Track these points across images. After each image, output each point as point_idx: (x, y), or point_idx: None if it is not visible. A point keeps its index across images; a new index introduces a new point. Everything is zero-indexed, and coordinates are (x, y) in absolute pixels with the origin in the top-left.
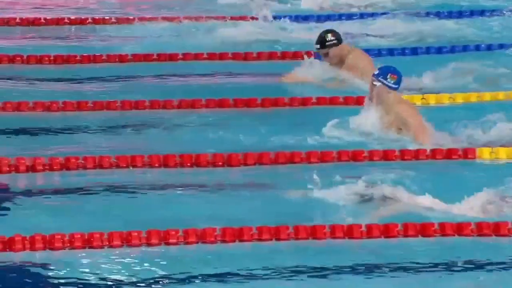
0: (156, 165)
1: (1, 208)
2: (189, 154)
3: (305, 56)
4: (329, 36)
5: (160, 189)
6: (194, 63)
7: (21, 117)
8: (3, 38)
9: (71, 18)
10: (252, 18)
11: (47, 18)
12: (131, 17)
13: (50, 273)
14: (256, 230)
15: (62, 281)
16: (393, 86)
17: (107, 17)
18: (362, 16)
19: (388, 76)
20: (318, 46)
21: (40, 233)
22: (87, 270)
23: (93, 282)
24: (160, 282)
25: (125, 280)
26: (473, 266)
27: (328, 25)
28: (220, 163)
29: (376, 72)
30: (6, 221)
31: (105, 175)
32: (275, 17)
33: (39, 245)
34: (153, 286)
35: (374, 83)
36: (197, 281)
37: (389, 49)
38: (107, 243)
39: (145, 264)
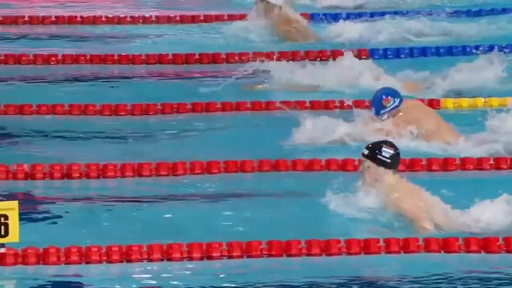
0: (198, 171)
1: (34, 217)
2: (234, 160)
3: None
4: None
5: (203, 198)
6: (238, 64)
7: (57, 120)
8: (37, 37)
9: (108, 16)
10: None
11: (83, 16)
12: (172, 15)
13: None
14: (305, 243)
15: None
16: (396, 105)
17: (147, 15)
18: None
19: (384, 104)
20: None
21: (76, 245)
22: (125, 285)
23: None
24: None
25: None
26: None
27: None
28: (267, 169)
29: (374, 112)
30: (40, 231)
31: (145, 184)
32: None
33: (75, 257)
34: None
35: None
36: None
37: (449, 47)
38: (146, 256)
39: (187, 280)
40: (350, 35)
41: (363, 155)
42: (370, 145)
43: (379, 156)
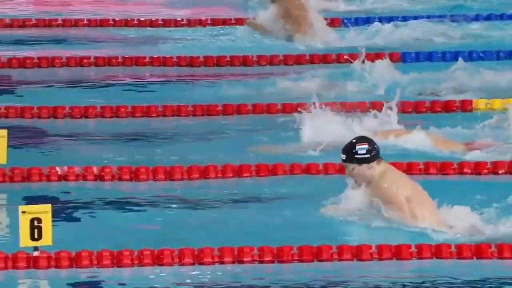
0: (229, 175)
1: (67, 220)
2: (266, 164)
3: None
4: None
5: (234, 202)
6: (269, 67)
7: (88, 123)
8: (70, 40)
9: (140, 19)
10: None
11: (116, 19)
12: (203, 19)
13: None
14: (336, 249)
15: None
16: None
17: (179, 19)
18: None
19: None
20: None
21: (108, 248)
22: None
23: None
24: None
25: None
26: None
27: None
28: (298, 172)
29: None
30: (73, 234)
31: (176, 187)
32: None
33: (107, 261)
34: None
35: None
36: None
37: (483, 51)
38: (178, 260)
39: (218, 284)
40: (381, 39)
41: (343, 160)
42: (344, 149)
43: (356, 156)
